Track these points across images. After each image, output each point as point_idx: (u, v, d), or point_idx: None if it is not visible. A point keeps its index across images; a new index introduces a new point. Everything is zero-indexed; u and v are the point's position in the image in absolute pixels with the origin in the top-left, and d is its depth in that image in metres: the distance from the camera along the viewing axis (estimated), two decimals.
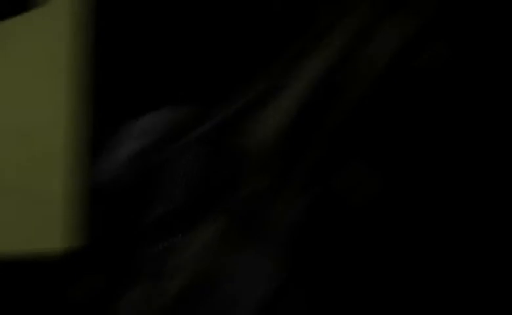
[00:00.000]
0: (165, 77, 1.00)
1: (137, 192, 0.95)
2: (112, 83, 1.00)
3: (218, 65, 0.98)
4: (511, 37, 0.91)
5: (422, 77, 0.91)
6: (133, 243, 0.94)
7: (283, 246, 0.88)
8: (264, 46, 0.97)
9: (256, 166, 0.91)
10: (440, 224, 0.89)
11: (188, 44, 1.01)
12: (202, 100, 0.97)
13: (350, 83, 0.91)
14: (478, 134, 0.90)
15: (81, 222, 0.94)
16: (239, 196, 0.90)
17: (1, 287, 0.94)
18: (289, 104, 0.92)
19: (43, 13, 0.99)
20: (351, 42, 0.92)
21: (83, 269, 0.94)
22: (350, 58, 0.92)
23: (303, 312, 0.87)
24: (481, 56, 0.91)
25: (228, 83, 0.96)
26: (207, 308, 0.88)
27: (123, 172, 0.97)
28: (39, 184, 0.95)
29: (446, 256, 0.88)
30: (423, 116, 0.90)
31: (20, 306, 0.94)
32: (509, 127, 0.90)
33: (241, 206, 0.90)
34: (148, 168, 0.95)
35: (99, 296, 0.92)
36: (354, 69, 0.92)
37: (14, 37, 0.98)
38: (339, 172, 0.89)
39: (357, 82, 0.91)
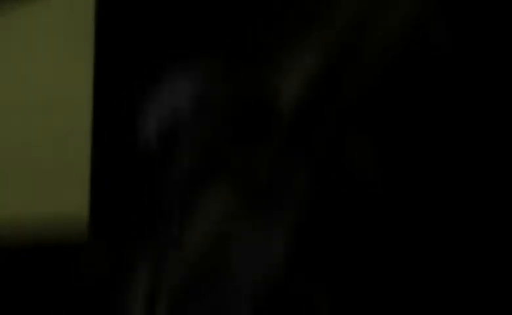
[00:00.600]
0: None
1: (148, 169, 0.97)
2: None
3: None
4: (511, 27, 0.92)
5: (423, 68, 0.92)
6: (140, 224, 0.96)
7: (289, 221, 0.90)
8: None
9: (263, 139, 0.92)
10: (440, 218, 0.90)
11: None
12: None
13: (351, 73, 0.92)
14: (478, 127, 0.91)
15: (96, 190, 0.97)
16: (249, 170, 0.92)
17: (13, 270, 0.96)
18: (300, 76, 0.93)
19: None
20: (352, 30, 0.93)
21: (90, 255, 0.96)
22: (352, 45, 0.93)
23: (308, 292, 0.90)
24: (482, 45, 0.92)
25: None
26: (219, 276, 0.90)
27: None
28: (62, 156, 0.99)
29: (444, 250, 0.89)
30: (424, 107, 0.92)
31: (29, 289, 0.97)
32: (509, 118, 0.92)
33: (251, 180, 0.92)
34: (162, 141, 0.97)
35: (106, 281, 0.95)
36: (357, 57, 0.93)
37: (38, 19, 1.00)
38: (340, 152, 0.90)
39: (359, 71, 0.92)
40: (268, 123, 0.92)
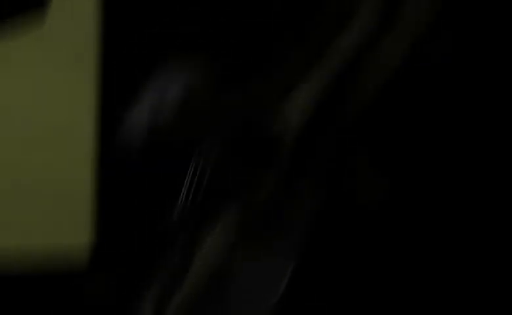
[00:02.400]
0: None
1: (156, 187, 0.98)
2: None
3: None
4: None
5: (427, 81, 0.92)
6: (151, 241, 0.96)
7: (296, 243, 0.90)
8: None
9: (271, 162, 0.92)
10: (444, 226, 0.90)
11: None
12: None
13: (358, 86, 0.92)
14: (483, 136, 0.91)
15: (101, 218, 0.97)
16: (255, 195, 0.92)
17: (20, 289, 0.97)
18: (305, 100, 0.93)
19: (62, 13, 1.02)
20: (359, 46, 0.93)
21: (101, 266, 0.97)
22: (359, 61, 0.93)
23: (314, 307, 0.90)
24: (484, 54, 0.92)
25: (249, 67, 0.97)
26: (223, 303, 0.90)
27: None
28: (66, 181, 0.99)
29: (450, 257, 0.90)
30: (429, 119, 0.92)
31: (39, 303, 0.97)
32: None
33: (256, 205, 0.92)
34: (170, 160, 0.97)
35: (117, 293, 0.95)
36: (363, 72, 0.93)
37: (42, 43, 1.01)
38: (348, 174, 0.90)
39: (366, 85, 0.92)
40: (272, 149, 0.93)
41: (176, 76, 0.94)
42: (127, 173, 0.98)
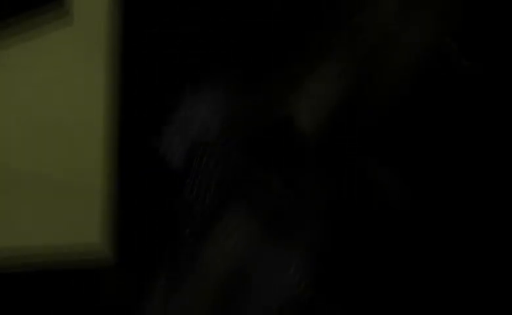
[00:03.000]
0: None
1: (173, 180, 0.98)
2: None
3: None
4: None
5: (443, 85, 0.92)
6: (166, 237, 0.96)
7: (309, 242, 0.90)
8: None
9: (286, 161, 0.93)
10: (455, 228, 0.90)
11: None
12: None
13: (374, 88, 0.93)
14: (497, 142, 0.92)
15: (116, 215, 0.97)
16: (269, 194, 0.92)
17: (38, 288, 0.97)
18: (320, 97, 0.94)
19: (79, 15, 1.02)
20: (375, 48, 0.93)
21: (115, 265, 0.97)
22: (375, 63, 0.93)
23: (329, 304, 0.91)
24: (500, 65, 0.92)
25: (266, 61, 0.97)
26: (238, 302, 0.90)
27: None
28: (79, 179, 0.99)
29: (458, 259, 0.90)
30: (442, 122, 0.92)
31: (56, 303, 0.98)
32: None
33: (270, 204, 0.92)
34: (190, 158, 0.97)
35: (133, 291, 0.95)
36: (379, 74, 0.93)
37: (52, 38, 1.01)
38: (358, 174, 0.91)
39: (381, 87, 0.92)
40: (288, 147, 0.93)
41: (212, 90, 0.96)
42: (141, 171, 0.99)
